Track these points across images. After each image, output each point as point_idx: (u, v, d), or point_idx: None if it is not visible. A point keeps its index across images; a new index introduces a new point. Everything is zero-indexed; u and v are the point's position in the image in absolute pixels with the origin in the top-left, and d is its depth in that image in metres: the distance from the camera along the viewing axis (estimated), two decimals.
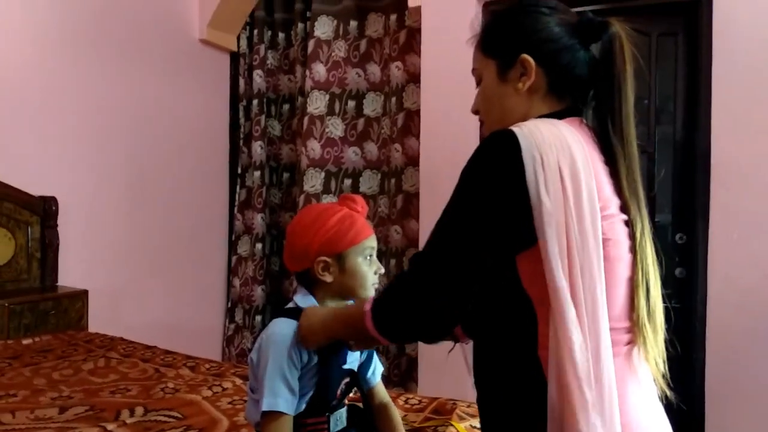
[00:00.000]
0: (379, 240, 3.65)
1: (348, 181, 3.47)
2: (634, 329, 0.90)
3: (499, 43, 1.00)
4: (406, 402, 1.82)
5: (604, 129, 0.94)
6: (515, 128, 0.86)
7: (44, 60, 2.91)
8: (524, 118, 0.94)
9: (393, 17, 3.27)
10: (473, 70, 1.05)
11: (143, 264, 3.37)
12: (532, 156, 0.83)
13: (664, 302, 0.96)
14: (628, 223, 0.93)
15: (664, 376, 0.93)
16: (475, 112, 1.07)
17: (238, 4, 3.66)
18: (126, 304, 3.25)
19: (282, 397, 1.14)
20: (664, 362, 0.94)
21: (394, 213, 3.26)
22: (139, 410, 1.76)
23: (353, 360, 1.28)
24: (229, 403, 1.83)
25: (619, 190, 0.92)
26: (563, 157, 0.84)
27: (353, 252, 1.21)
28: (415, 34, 3.10)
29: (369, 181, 3.44)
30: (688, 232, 2.48)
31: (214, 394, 1.92)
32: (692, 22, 2.46)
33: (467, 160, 0.90)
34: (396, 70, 3.23)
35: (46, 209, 2.85)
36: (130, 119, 3.30)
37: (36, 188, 2.84)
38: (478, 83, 1.04)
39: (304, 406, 1.20)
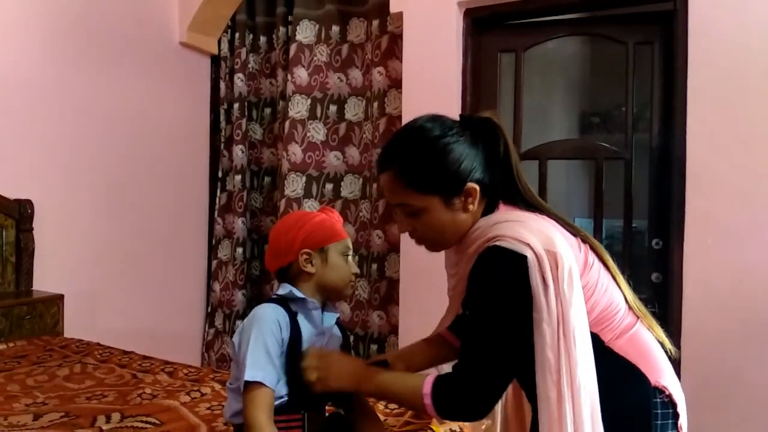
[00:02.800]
0: (360, 244, 3.68)
1: (329, 186, 3.47)
2: (636, 313, 1.17)
3: (437, 181, 1.12)
4: (386, 406, 1.81)
5: (523, 201, 1.18)
6: (504, 244, 1.06)
7: (21, 62, 2.87)
8: (470, 225, 1.15)
9: (375, 23, 3.28)
10: (402, 205, 1.17)
11: (121, 268, 3.33)
12: (534, 268, 1.04)
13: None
14: (586, 244, 1.18)
15: (662, 336, 1.20)
16: (407, 232, 1.21)
17: (219, 7, 3.64)
18: (103, 309, 3.21)
19: (264, 370, 1.17)
20: (658, 325, 1.21)
21: (375, 218, 3.27)
22: (116, 416, 1.74)
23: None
24: (208, 408, 1.81)
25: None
26: (550, 244, 1.06)
27: (333, 248, 1.30)
28: (397, 40, 3.11)
29: (350, 186, 3.44)
30: (664, 238, 2.51)
31: (192, 399, 1.91)
32: (668, 31, 2.49)
33: (475, 277, 1.10)
34: (378, 75, 3.23)
35: (21, 212, 2.81)
36: (109, 122, 3.27)
37: (11, 191, 2.80)
38: (411, 215, 1.16)
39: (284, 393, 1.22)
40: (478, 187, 1.13)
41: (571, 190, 3.00)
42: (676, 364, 2.32)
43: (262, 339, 1.19)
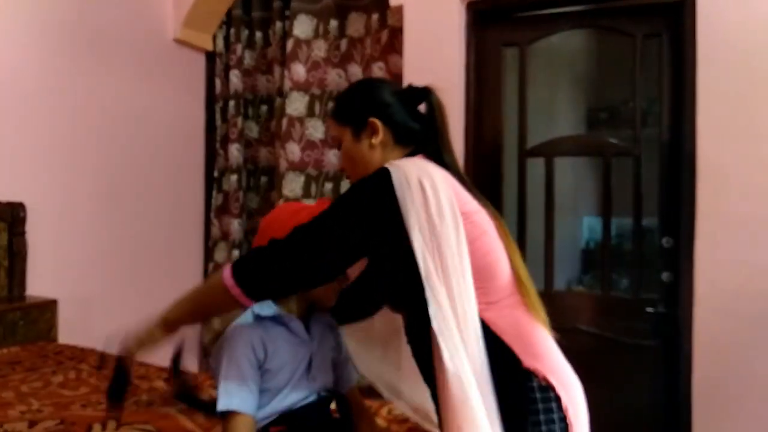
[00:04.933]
0: None
1: (329, 185, 3.42)
2: (521, 290, 1.16)
3: (350, 112, 1.29)
4: (389, 413, 1.81)
5: (440, 159, 1.22)
6: (388, 165, 1.12)
7: (12, 61, 2.83)
8: (379, 164, 1.19)
9: (374, 16, 3.23)
10: (332, 138, 1.36)
11: (115, 272, 3.29)
12: (399, 180, 1.08)
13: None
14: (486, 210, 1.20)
15: (545, 319, 1.18)
16: (341, 169, 1.33)
17: (214, 3, 3.59)
18: (97, 314, 3.15)
19: (238, 396, 1.15)
20: (542, 307, 1.19)
21: None
22: (112, 424, 1.71)
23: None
24: (204, 416, 1.77)
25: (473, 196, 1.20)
26: (424, 177, 1.09)
27: None
28: (397, 34, 3.06)
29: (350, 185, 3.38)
30: (675, 236, 2.47)
31: (189, 407, 1.87)
32: (676, 23, 2.45)
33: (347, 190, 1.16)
34: (378, 71, 3.19)
35: (13, 215, 2.76)
36: (102, 121, 3.22)
37: (3, 194, 2.75)
38: (338, 147, 1.32)
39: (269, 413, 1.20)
40: (379, 123, 1.24)
41: (578, 188, 2.97)
42: (687, 363, 2.33)
43: (234, 363, 1.17)
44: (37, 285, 2.84)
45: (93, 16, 3.17)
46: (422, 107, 1.30)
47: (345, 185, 3.38)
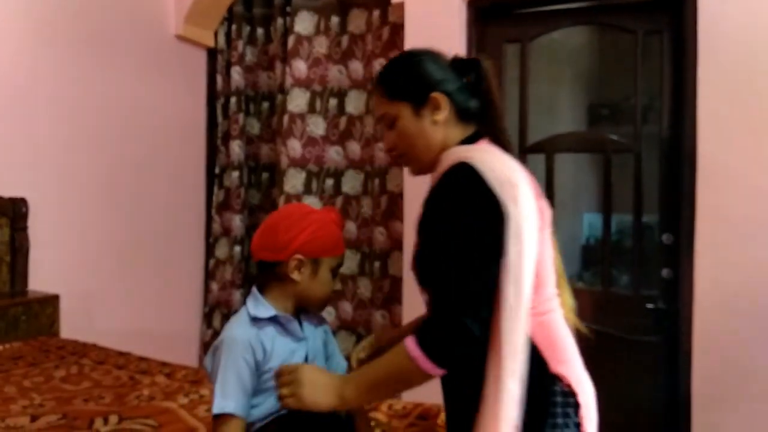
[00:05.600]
0: (362, 241, 3.64)
1: (330, 182, 3.41)
2: (559, 292, 1.18)
3: (407, 87, 1.20)
4: (390, 408, 1.82)
5: (499, 141, 1.20)
6: (467, 160, 1.07)
7: (13, 57, 2.82)
8: (443, 145, 1.19)
9: (376, 13, 3.22)
10: (381, 117, 1.24)
11: (117, 267, 3.28)
12: (493, 180, 1.03)
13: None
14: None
15: (575, 322, 1.21)
16: (389, 150, 1.26)
17: None
18: (99, 309, 3.16)
19: (233, 399, 1.14)
20: (574, 310, 1.22)
21: (378, 214, 3.21)
22: (113, 418, 1.73)
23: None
24: (207, 410, 1.79)
25: None
26: (511, 175, 1.06)
27: (327, 262, 1.25)
28: (398, 31, 3.06)
29: (352, 181, 3.38)
30: (675, 233, 2.47)
31: (190, 401, 1.90)
32: (678, 20, 2.44)
33: (436, 190, 1.11)
34: (379, 67, 3.16)
35: (15, 211, 2.77)
36: (103, 118, 3.22)
37: (5, 189, 2.76)
38: (389, 126, 1.23)
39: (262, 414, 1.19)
40: (445, 99, 1.18)
41: (579, 184, 2.96)
42: (687, 359, 2.33)
43: (233, 365, 1.16)
44: (39, 280, 2.84)
45: (95, 13, 3.16)
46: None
47: (346, 181, 3.38)
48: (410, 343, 1.02)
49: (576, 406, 1.08)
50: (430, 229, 1.12)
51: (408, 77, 1.21)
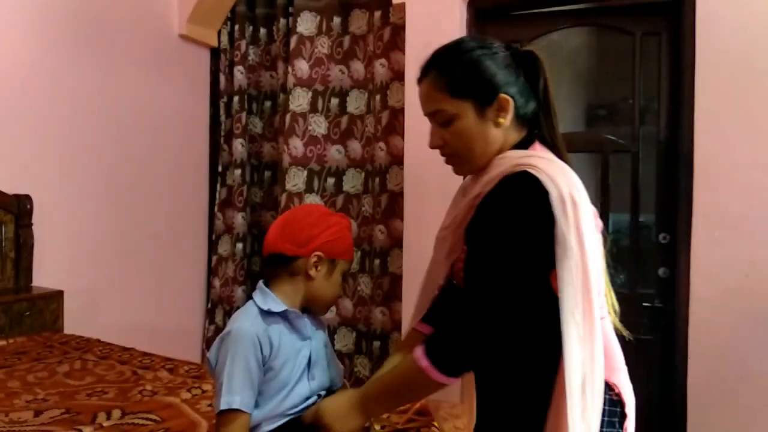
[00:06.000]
0: (363, 240, 3.65)
1: (331, 180, 3.43)
2: (607, 303, 1.16)
3: (472, 84, 1.11)
4: None
5: (554, 146, 1.14)
6: (529, 169, 1.01)
7: (18, 56, 2.84)
8: (502, 148, 1.12)
9: (377, 14, 3.24)
10: (434, 113, 1.15)
11: (120, 264, 3.31)
12: (555, 197, 0.98)
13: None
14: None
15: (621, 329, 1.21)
16: (437, 146, 1.19)
17: None
18: (103, 305, 3.19)
19: (240, 394, 1.12)
20: (617, 311, 1.20)
21: (378, 212, 3.24)
22: (116, 413, 1.73)
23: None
24: (209, 405, 1.79)
25: None
26: (573, 191, 1.00)
27: (342, 265, 1.26)
28: (399, 31, 3.08)
29: (352, 180, 3.41)
30: (671, 232, 2.48)
31: (193, 396, 1.90)
32: (675, 22, 2.46)
33: (495, 196, 1.04)
34: (380, 68, 3.20)
35: (20, 208, 2.78)
36: (108, 116, 3.24)
37: (10, 186, 2.77)
38: (444, 124, 1.15)
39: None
40: (511, 101, 1.11)
41: None
42: (683, 357, 2.34)
43: (242, 360, 1.13)
44: (44, 276, 2.87)
45: (99, 13, 3.18)
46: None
47: (347, 180, 3.40)
48: (419, 354, 1.02)
49: (622, 416, 1.08)
50: (481, 234, 1.06)
51: (475, 74, 1.11)
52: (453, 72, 1.12)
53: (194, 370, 2.18)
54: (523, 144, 1.13)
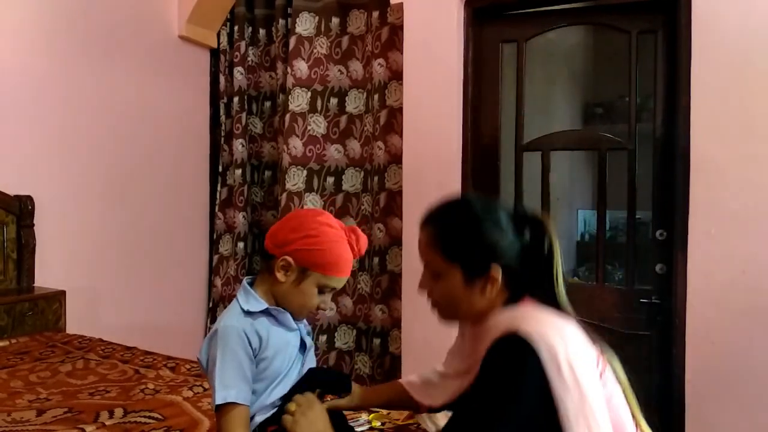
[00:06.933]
0: None
1: (330, 179, 3.45)
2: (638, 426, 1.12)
3: (465, 252, 1.11)
4: None
5: (551, 299, 1.11)
6: (527, 337, 0.97)
7: (19, 57, 2.86)
8: (484, 312, 1.11)
9: (375, 14, 3.25)
10: (427, 263, 1.15)
11: (122, 264, 3.32)
12: (549, 362, 0.96)
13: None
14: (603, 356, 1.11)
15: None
16: (423, 290, 1.18)
17: (218, 0, 3.62)
18: (105, 305, 3.20)
19: (235, 387, 1.13)
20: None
21: (377, 211, 3.25)
22: (119, 412, 1.74)
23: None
24: (209, 403, 1.80)
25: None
26: (570, 350, 0.98)
27: (316, 277, 1.21)
28: (397, 31, 3.09)
29: (352, 179, 3.42)
30: (668, 229, 2.49)
31: (195, 394, 1.91)
32: (671, 20, 2.47)
33: (488, 359, 1.02)
34: (378, 67, 3.21)
35: (21, 208, 2.80)
36: (109, 117, 3.25)
37: (11, 187, 2.79)
38: (433, 275, 1.14)
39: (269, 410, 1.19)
40: (500, 275, 1.10)
41: (574, 182, 2.98)
42: (680, 353, 2.35)
43: (231, 354, 1.14)
44: (46, 276, 2.88)
45: (99, 14, 3.20)
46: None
47: (346, 179, 3.41)
48: None
49: None
50: (475, 399, 1.05)
51: (469, 243, 1.11)
52: (449, 235, 1.13)
53: (196, 369, 2.19)
54: (514, 298, 1.12)
